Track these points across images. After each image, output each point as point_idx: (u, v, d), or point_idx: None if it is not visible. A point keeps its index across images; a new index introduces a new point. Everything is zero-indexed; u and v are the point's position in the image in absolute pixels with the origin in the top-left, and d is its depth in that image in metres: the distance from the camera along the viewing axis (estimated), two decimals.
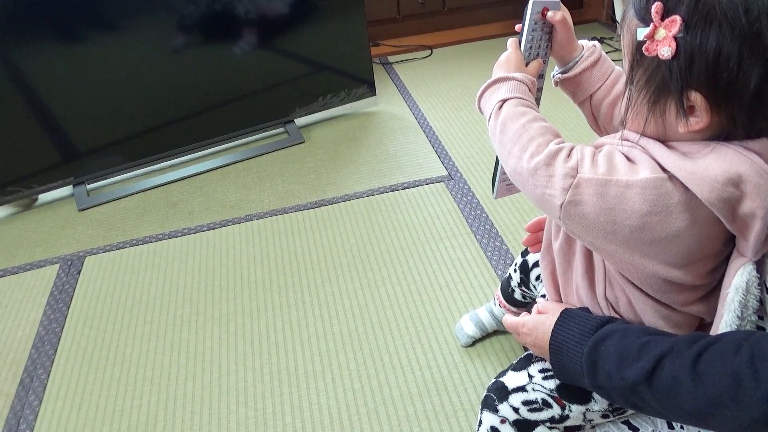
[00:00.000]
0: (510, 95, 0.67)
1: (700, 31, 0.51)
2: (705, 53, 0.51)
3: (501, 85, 0.69)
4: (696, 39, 0.51)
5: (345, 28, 1.87)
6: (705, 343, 0.57)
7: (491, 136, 0.68)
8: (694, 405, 0.55)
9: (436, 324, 1.19)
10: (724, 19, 0.50)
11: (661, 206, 0.56)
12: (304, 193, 1.64)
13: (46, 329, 1.28)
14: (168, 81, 1.72)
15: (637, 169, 0.57)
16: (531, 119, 0.64)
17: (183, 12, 1.67)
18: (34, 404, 1.11)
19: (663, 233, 0.57)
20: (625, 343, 0.62)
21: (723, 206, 0.54)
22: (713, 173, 0.54)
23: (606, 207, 0.57)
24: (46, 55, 1.54)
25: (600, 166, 0.58)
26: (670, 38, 0.52)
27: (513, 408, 0.77)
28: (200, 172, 1.78)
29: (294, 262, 1.39)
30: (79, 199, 1.69)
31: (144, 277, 1.39)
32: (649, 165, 0.57)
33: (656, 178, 0.56)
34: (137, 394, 1.11)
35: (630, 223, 0.57)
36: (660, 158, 0.57)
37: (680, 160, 0.56)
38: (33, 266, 1.47)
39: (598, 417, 0.75)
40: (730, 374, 0.53)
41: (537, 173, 0.60)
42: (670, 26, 0.52)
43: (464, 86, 2.15)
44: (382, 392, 1.06)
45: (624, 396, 0.61)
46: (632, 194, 0.56)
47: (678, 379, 0.56)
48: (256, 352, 1.17)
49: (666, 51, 0.53)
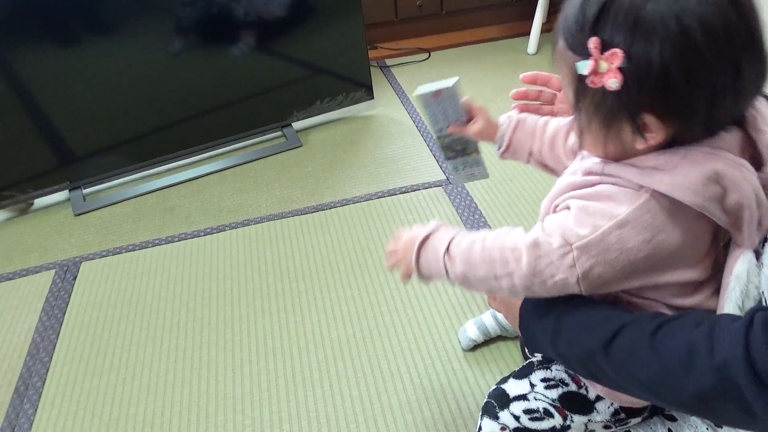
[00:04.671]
0: (446, 241, 0.67)
1: (643, 57, 0.51)
2: (651, 77, 0.52)
3: (428, 243, 0.68)
4: (640, 65, 0.51)
5: (343, 32, 1.86)
6: (667, 317, 0.58)
7: (464, 285, 0.67)
8: (647, 373, 0.56)
9: (435, 330, 1.18)
10: (662, 40, 0.50)
11: (659, 224, 0.58)
12: (302, 198, 1.63)
13: (42, 336, 1.27)
14: (165, 85, 1.71)
15: (615, 203, 0.58)
16: (481, 243, 0.64)
17: (180, 15, 1.66)
18: (29, 412, 1.10)
19: (673, 245, 0.59)
20: (590, 313, 0.63)
21: (710, 205, 0.56)
22: (692, 177, 0.55)
23: (615, 256, 0.59)
24: (42, 59, 1.53)
25: (585, 225, 0.59)
26: (614, 70, 0.52)
27: (514, 416, 0.76)
28: (197, 177, 1.77)
29: (291, 267, 1.38)
30: (75, 204, 1.68)
31: (140, 282, 1.38)
32: (624, 193, 0.58)
33: (641, 204, 0.57)
34: (133, 402, 1.10)
35: (644, 254, 0.59)
36: (637, 180, 0.58)
37: (657, 175, 0.57)
38: (28, 272, 1.46)
39: (600, 428, 0.75)
40: (686, 344, 0.54)
41: (536, 271, 0.61)
42: (612, 59, 0.52)
43: (462, 89, 2.15)
44: (381, 399, 1.06)
45: (582, 363, 0.62)
46: (629, 230, 0.58)
47: (635, 346, 0.57)
48: (253, 358, 1.16)
49: (613, 83, 0.52)
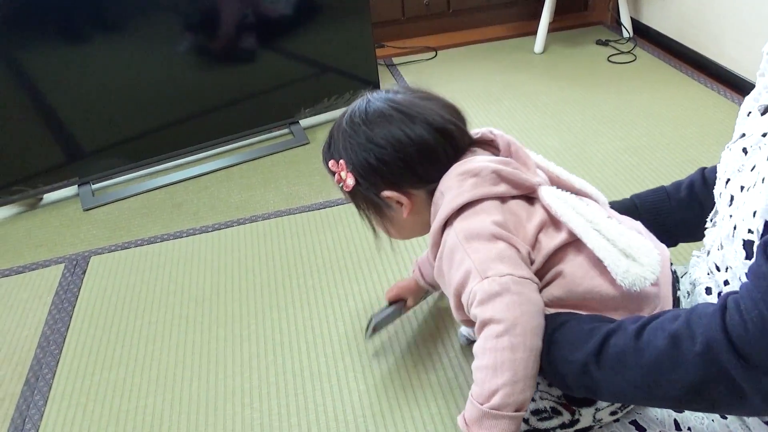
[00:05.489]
0: (470, 404, 0.70)
1: (356, 161, 0.77)
2: (364, 168, 0.77)
3: (496, 414, 0.67)
4: (358, 166, 0.77)
5: (350, 30, 1.87)
6: (648, 318, 0.61)
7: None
8: (639, 375, 0.58)
9: (443, 326, 1.18)
10: (359, 149, 0.76)
11: (473, 231, 0.70)
12: (310, 195, 1.64)
13: (52, 329, 1.28)
14: (173, 82, 1.72)
15: (455, 252, 0.72)
16: (482, 373, 0.69)
17: (188, 13, 1.67)
18: (40, 404, 1.11)
19: (493, 227, 0.70)
20: (576, 328, 0.66)
21: (481, 190, 0.72)
22: (454, 183, 0.74)
23: (487, 256, 0.69)
24: (51, 56, 1.55)
25: (465, 271, 0.71)
26: (348, 173, 0.78)
27: (523, 419, 0.75)
28: (205, 173, 1.78)
29: (299, 263, 1.39)
30: (84, 199, 1.69)
31: (149, 277, 1.40)
32: (450, 240, 0.73)
33: (454, 235, 0.72)
34: (142, 395, 1.11)
35: (493, 243, 0.70)
36: (438, 219, 0.74)
37: (442, 211, 0.74)
38: (38, 266, 1.47)
39: (607, 415, 0.75)
40: (669, 337, 0.57)
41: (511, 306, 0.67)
42: (341, 168, 0.79)
43: (469, 88, 2.15)
44: (388, 394, 1.06)
45: (577, 378, 0.64)
46: (447, 252, 0.73)
47: (623, 351, 0.60)
48: (261, 353, 1.17)
49: (350, 181, 0.78)
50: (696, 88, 2.02)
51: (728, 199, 0.66)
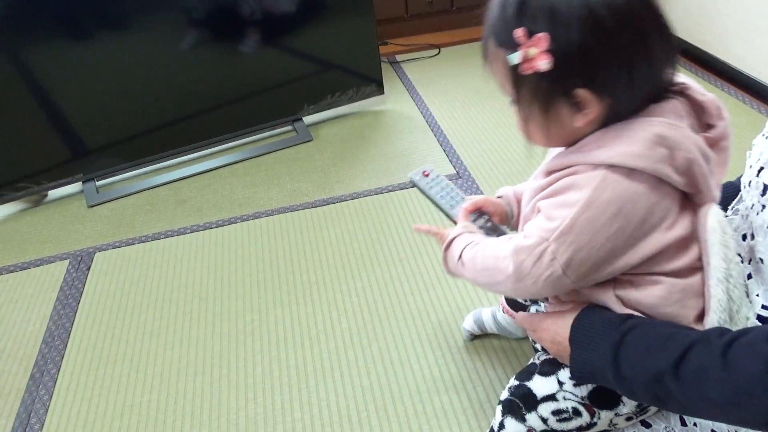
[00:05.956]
0: (460, 249, 0.74)
1: (564, 38, 0.57)
2: (575, 54, 0.58)
3: (450, 248, 0.76)
4: (564, 45, 0.57)
5: (354, 27, 1.87)
6: (735, 333, 0.57)
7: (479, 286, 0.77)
8: (721, 394, 0.55)
9: (444, 322, 1.19)
10: (576, 20, 0.57)
11: (620, 196, 0.60)
12: (312, 191, 1.65)
13: (56, 324, 1.28)
14: (177, 79, 1.73)
15: (576, 190, 0.61)
16: (482, 252, 0.71)
17: (192, 10, 1.67)
18: (45, 399, 1.12)
19: (641, 212, 0.61)
20: (651, 333, 0.62)
21: (661, 166, 0.59)
22: (638, 144, 0.59)
23: (590, 237, 0.60)
24: (56, 53, 1.55)
25: (554, 219, 0.62)
26: (542, 53, 0.58)
27: (542, 418, 0.74)
28: (209, 170, 1.79)
29: (302, 259, 1.39)
30: (89, 196, 1.70)
31: (153, 273, 1.40)
32: (582, 178, 0.61)
33: (598, 182, 0.60)
34: (147, 390, 1.12)
35: (615, 227, 0.60)
36: (590, 160, 0.61)
37: (605, 151, 0.60)
38: (43, 262, 1.48)
39: (623, 420, 0.74)
40: (763, 360, 0.53)
41: (523, 275, 0.64)
42: (538, 43, 0.58)
43: (472, 85, 2.15)
44: (391, 389, 1.07)
45: (647, 387, 0.60)
46: (595, 210, 0.60)
47: (706, 367, 0.56)
48: (264, 348, 1.17)
49: (544, 64, 0.58)
50: (702, 86, 2.01)
51: (761, 189, 0.65)
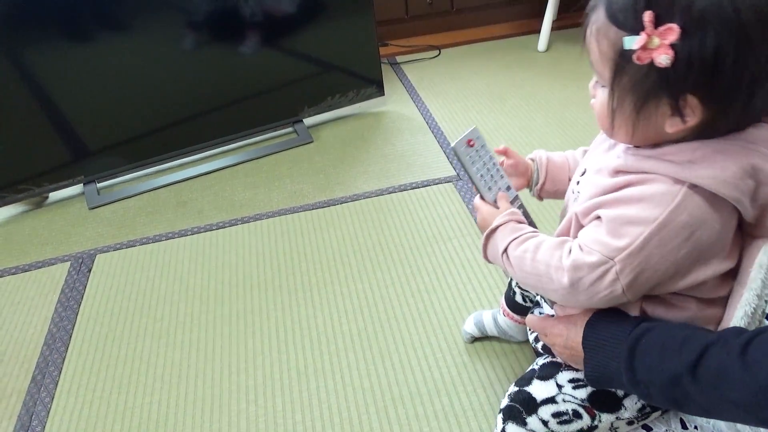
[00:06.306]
0: (506, 242, 0.70)
1: (697, 37, 0.51)
2: (703, 58, 0.52)
3: (493, 237, 0.73)
4: (693, 45, 0.51)
5: (354, 29, 1.88)
6: (753, 332, 0.56)
7: (516, 278, 0.72)
8: (743, 394, 0.53)
9: (445, 324, 1.19)
10: (717, 21, 0.51)
11: (697, 221, 0.58)
12: (313, 193, 1.65)
13: (58, 326, 1.29)
14: (177, 80, 1.73)
15: (649, 206, 0.58)
16: (532, 254, 0.67)
17: (192, 12, 1.68)
18: (46, 401, 1.12)
19: (711, 239, 0.59)
20: (667, 335, 0.60)
21: (744, 198, 0.57)
22: (731, 171, 0.56)
23: (658, 260, 0.59)
24: (57, 55, 1.55)
25: (622, 236, 0.59)
26: (666, 46, 0.51)
27: (542, 421, 0.74)
28: (210, 172, 1.79)
29: (303, 261, 1.39)
30: (90, 198, 1.70)
31: (154, 275, 1.40)
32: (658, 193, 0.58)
33: (677, 203, 0.57)
34: (148, 392, 1.12)
35: (684, 252, 0.59)
36: (675, 173, 0.58)
37: (696, 169, 0.57)
38: (44, 264, 1.48)
39: (624, 424, 0.74)
40: None
41: (580, 290, 0.62)
42: (666, 34, 0.51)
43: (472, 87, 2.16)
44: (391, 391, 1.07)
45: (664, 390, 0.59)
46: (669, 232, 0.58)
47: (725, 367, 0.54)
48: (265, 350, 1.18)
49: (665, 59, 0.52)
50: None
51: None
